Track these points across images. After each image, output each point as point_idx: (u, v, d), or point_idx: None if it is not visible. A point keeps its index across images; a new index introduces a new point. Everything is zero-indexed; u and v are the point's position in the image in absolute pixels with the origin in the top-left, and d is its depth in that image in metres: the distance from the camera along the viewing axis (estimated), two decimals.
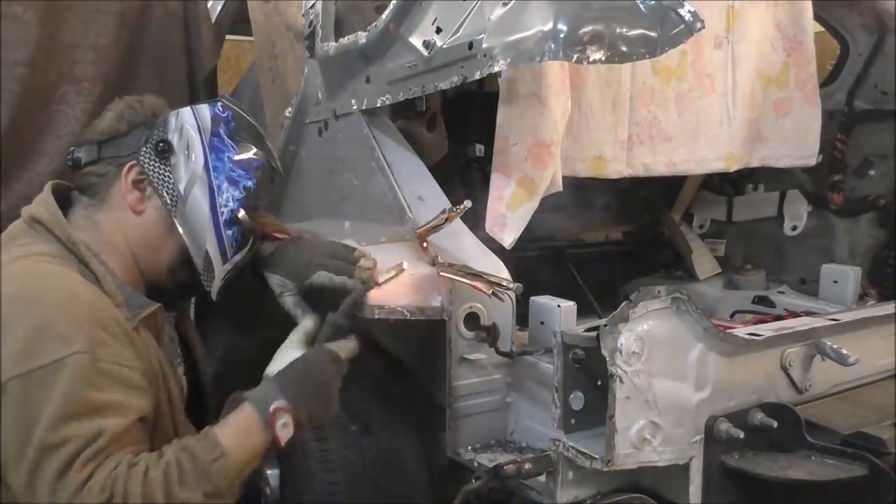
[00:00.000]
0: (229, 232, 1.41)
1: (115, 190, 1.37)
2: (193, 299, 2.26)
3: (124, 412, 1.16)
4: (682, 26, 1.31)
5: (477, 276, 1.49)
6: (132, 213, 1.38)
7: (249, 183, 1.42)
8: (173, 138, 1.38)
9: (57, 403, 1.11)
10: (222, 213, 1.39)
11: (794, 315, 2.18)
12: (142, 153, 1.37)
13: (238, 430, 1.23)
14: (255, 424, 1.24)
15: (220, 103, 1.44)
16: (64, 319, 1.16)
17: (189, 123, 1.40)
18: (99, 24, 2.48)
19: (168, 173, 1.37)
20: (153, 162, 1.37)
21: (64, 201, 1.39)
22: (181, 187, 1.37)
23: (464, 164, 2.25)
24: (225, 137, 1.41)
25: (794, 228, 2.65)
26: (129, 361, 1.21)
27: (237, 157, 1.41)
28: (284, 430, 1.25)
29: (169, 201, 1.37)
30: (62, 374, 1.12)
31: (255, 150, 1.44)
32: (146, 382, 1.24)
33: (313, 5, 2.06)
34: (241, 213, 1.41)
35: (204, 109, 1.43)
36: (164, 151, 1.37)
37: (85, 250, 1.30)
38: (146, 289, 1.43)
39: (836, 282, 2.31)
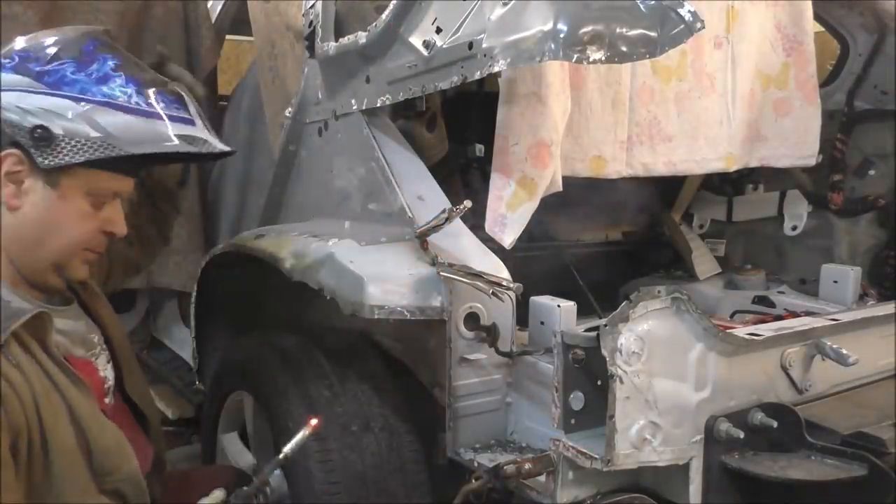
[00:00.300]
0: (160, 104, 1.30)
1: None
2: (193, 298, 2.27)
3: None
4: (682, 26, 1.31)
5: (477, 276, 1.49)
6: (9, 210, 1.24)
7: (111, 62, 1.27)
8: (31, 121, 1.21)
9: None
10: (137, 104, 1.27)
11: (794, 315, 2.17)
12: (20, 144, 1.22)
13: None
14: None
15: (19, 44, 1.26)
16: None
17: (16, 99, 1.22)
18: (99, 25, 2.48)
19: (70, 141, 1.21)
20: (45, 150, 1.21)
21: None
22: (94, 133, 1.22)
23: (464, 164, 2.25)
24: (47, 67, 1.23)
25: (794, 228, 2.65)
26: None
27: (75, 65, 1.25)
28: None
29: (105, 152, 1.23)
30: None
31: (74, 37, 1.28)
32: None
33: (313, 5, 2.06)
34: (143, 83, 1.28)
35: (5, 78, 1.23)
36: (45, 137, 1.21)
37: None
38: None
39: (836, 282, 2.31)
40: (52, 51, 1.25)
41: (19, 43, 1.27)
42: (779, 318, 2.16)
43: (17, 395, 1.15)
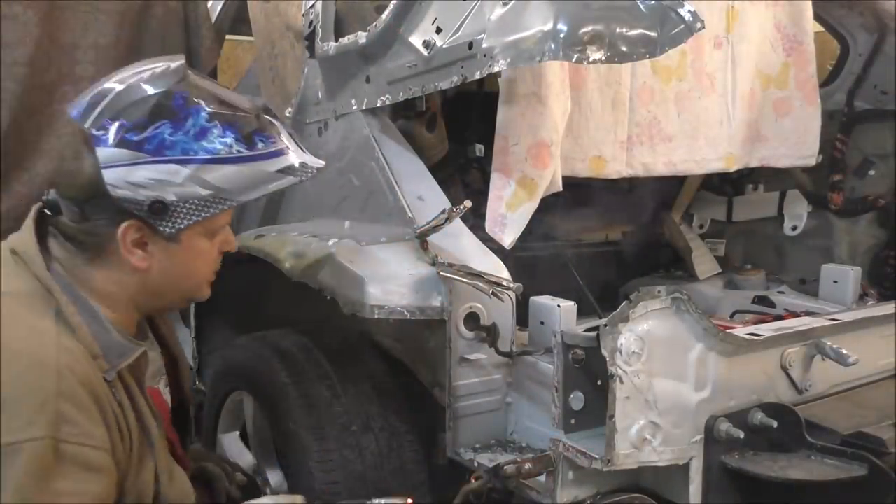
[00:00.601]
0: (259, 145, 1.27)
1: (112, 248, 1.22)
2: None
3: (80, 497, 1.09)
4: (682, 26, 1.31)
5: (477, 275, 1.49)
6: (136, 271, 1.24)
7: (203, 114, 1.22)
8: (143, 195, 1.19)
9: (8, 494, 1.04)
10: (239, 151, 1.24)
11: (794, 315, 2.18)
12: (137, 214, 1.20)
13: None
14: None
15: (90, 133, 1.20)
16: (26, 394, 1.07)
17: (124, 174, 1.18)
18: (99, 24, 2.48)
19: (184, 205, 1.21)
20: (165, 219, 1.21)
21: (48, 224, 1.27)
22: (204, 192, 1.21)
23: (464, 164, 2.25)
24: (144, 134, 1.19)
25: (794, 228, 2.65)
26: (94, 440, 1.12)
27: (170, 126, 1.20)
28: None
29: (220, 206, 1.24)
30: (17, 461, 1.04)
31: (160, 95, 1.21)
32: (111, 460, 1.15)
33: (313, 5, 2.06)
34: (238, 128, 1.24)
35: (104, 153, 1.18)
36: (160, 208, 1.20)
37: (60, 295, 1.18)
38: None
39: (836, 282, 2.31)
40: (145, 116, 1.20)
41: (106, 109, 1.21)
42: (779, 318, 2.16)
43: (121, 435, 1.18)
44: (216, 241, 1.35)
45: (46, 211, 1.28)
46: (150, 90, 1.21)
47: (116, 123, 1.18)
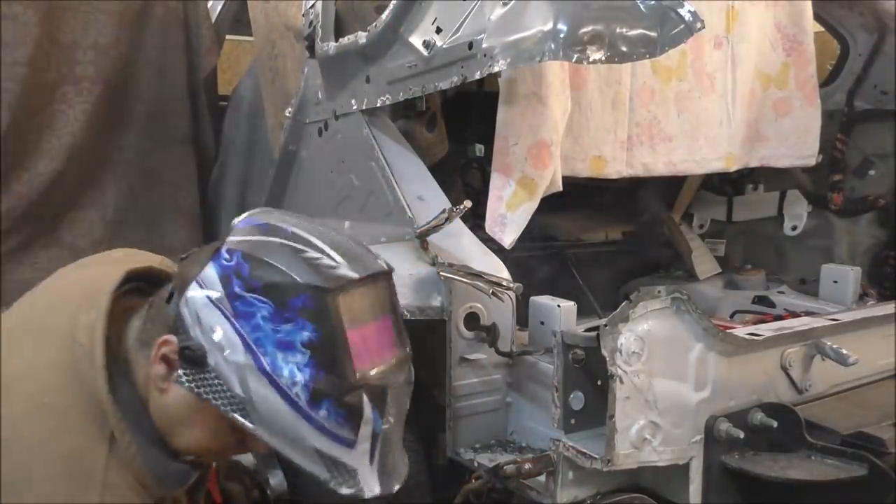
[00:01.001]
0: (322, 412, 1.00)
1: (144, 355, 1.08)
2: None
3: None
4: (682, 26, 1.31)
5: (477, 275, 1.49)
6: (154, 390, 1.07)
7: (306, 334, 1.00)
8: (196, 334, 1.01)
9: None
10: (297, 395, 0.99)
11: (794, 315, 2.17)
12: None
13: None
14: None
15: (224, 250, 1.04)
16: None
17: (201, 304, 1.02)
18: (99, 24, 2.48)
19: (215, 380, 1.01)
20: (191, 371, 1.03)
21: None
22: (237, 389, 1.00)
23: (464, 164, 2.25)
24: (246, 294, 1.01)
25: (794, 228, 2.65)
26: None
27: (271, 312, 1.00)
28: None
29: (239, 414, 1.01)
30: None
31: (292, 283, 1.01)
32: None
33: (313, 5, 2.06)
34: (320, 380, 1.00)
35: (210, 273, 1.03)
36: (196, 359, 1.02)
37: (118, 423, 1.03)
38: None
39: (836, 282, 2.31)
40: (260, 282, 1.01)
41: (252, 245, 1.04)
42: (779, 318, 2.16)
43: None
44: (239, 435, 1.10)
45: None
46: (303, 275, 1.01)
47: (237, 262, 1.02)
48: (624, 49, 1.31)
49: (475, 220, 1.82)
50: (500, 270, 1.62)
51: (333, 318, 1.01)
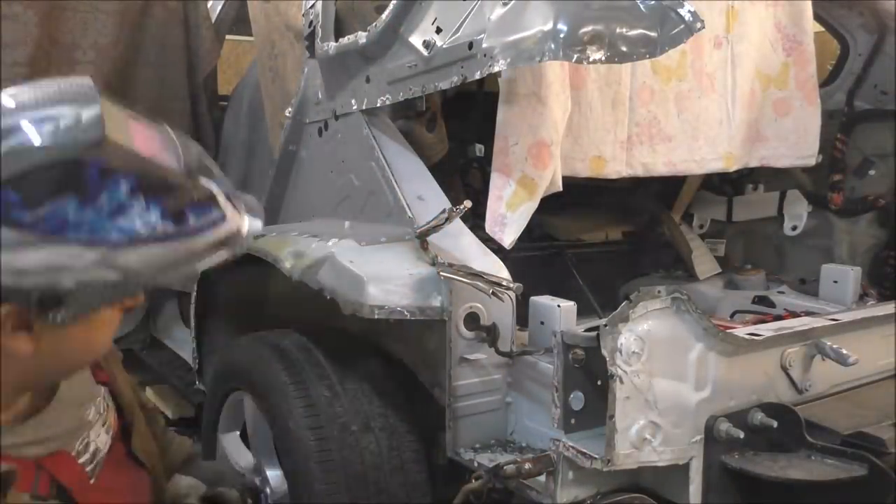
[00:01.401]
0: (191, 220, 0.97)
1: None
2: (193, 297, 2.27)
3: None
4: (682, 26, 1.31)
5: (477, 275, 1.49)
6: (18, 356, 0.98)
7: (123, 187, 0.94)
8: (51, 277, 0.91)
9: None
10: (164, 232, 0.95)
11: (794, 315, 2.17)
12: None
13: None
14: None
15: None
16: None
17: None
18: (99, 24, 2.48)
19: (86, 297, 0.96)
20: (44, 311, 0.95)
21: None
22: (113, 276, 0.93)
23: (464, 164, 2.25)
24: (29, 212, 0.89)
25: (794, 228, 2.65)
26: None
27: (76, 205, 0.90)
28: None
29: (124, 294, 1.01)
30: None
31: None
32: None
33: (313, 5, 2.06)
34: (167, 204, 0.96)
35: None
36: (51, 303, 0.95)
37: None
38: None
39: (836, 282, 2.31)
40: (42, 188, 0.89)
41: None
42: (779, 318, 2.16)
43: None
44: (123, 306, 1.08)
45: None
46: (54, 154, 0.89)
47: (5, 196, 0.87)
48: (624, 49, 1.32)
49: (475, 220, 1.82)
50: (500, 270, 1.62)
51: (127, 150, 0.94)
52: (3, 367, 0.98)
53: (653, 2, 1.33)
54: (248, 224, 1.07)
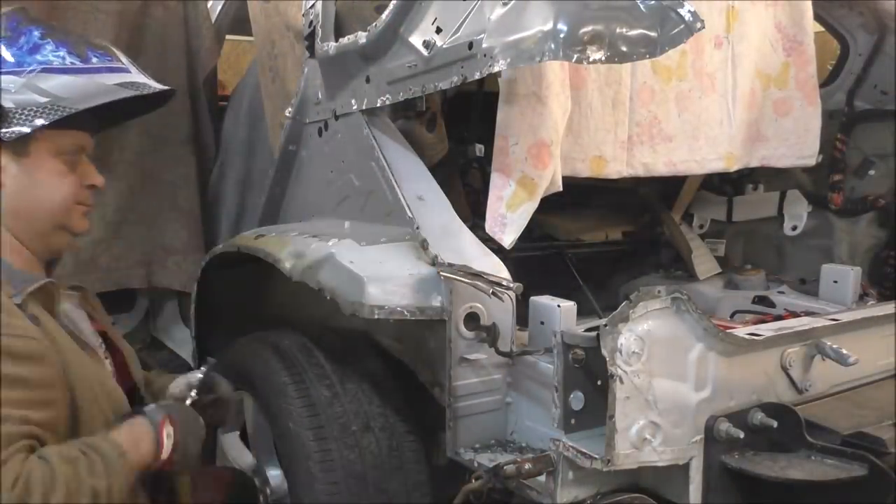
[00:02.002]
0: (93, 59, 1.40)
1: None
2: (193, 298, 2.28)
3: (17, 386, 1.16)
4: (682, 26, 1.31)
5: (477, 275, 1.49)
6: None
7: (36, 34, 1.36)
8: None
9: None
10: (73, 63, 1.36)
11: (794, 315, 2.17)
12: None
13: (132, 435, 1.29)
14: (146, 432, 1.32)
15: None
16: None
17: None
18: (99, 24, 2.48)
19: (19, 113, 1.30)
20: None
21: None
22: (41, 98, 1.31)
23: (464, 164, 2.25)
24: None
25: (794, 228, 2.65)
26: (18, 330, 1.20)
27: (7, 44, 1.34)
28: (168, 440, 1.33)
29: (56, 114, 1.31)
30: None
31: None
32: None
33: (313, 5, 2.06)
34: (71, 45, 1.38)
35: None
36: (0, 117, 1.29)
37: None
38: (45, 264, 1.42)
39: (836, 282, 2.31)
40: None
41: None
42: (779, 318, 2.16)
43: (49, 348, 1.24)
44: (76, 169, 1.41)
45: None
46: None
47: None
48: (624, 49, 1.31)
49: (475, 220, 1.82)
50: (500, 270, 1.62)
51: (40, 19, 1.39)
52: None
53: (653, 2, 1.33)
54: (150, 81, 1.46)
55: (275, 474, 1.98)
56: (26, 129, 1.30)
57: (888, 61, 2.46)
